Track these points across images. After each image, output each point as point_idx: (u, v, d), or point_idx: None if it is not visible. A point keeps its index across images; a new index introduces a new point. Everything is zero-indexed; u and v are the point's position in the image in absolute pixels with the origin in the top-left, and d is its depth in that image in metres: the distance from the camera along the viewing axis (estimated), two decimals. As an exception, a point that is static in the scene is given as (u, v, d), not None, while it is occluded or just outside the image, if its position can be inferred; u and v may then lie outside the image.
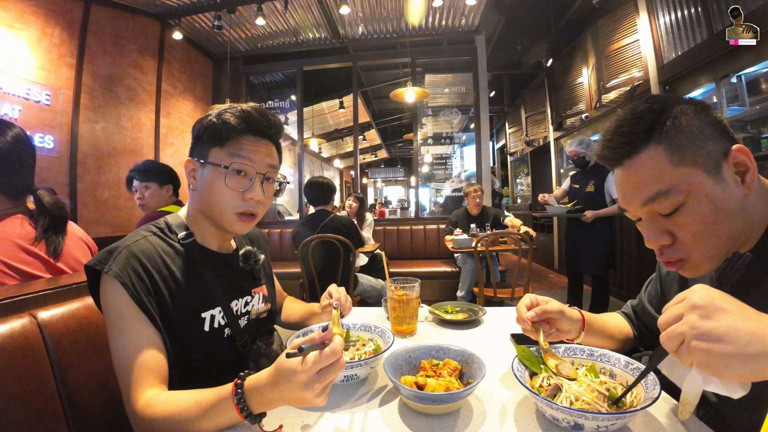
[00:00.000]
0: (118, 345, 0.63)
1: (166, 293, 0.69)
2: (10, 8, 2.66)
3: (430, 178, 5.63)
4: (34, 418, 0.63)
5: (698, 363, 0.40)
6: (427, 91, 3.99)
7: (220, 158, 0.72)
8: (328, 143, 9.95)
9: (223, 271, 0.80)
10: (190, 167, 0.76)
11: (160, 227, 0.76)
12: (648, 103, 0.55)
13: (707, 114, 0.53)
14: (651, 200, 0.53)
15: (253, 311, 0.85)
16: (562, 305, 0.72)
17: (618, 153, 0.55)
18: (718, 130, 0.53)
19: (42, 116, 2.85)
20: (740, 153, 0.52)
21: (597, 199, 2.91)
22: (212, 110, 0.76)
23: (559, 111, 5.67)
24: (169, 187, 1.94)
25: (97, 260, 0.66)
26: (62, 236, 1.05)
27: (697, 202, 0.51)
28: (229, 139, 0.72)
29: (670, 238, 0.55)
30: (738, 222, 0.52)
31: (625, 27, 3.99)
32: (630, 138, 0.54)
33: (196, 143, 0.76)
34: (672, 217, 0.53)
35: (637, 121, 0.54)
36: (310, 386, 0.50)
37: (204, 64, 4.94)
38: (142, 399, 0.60)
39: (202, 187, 0.74)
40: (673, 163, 0.51)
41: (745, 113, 2.80)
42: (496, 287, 2.81)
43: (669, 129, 0.52)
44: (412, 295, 0.97)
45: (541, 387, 0.61)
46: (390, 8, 4.18)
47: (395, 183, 18.16)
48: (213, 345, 0.75)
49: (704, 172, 0.51)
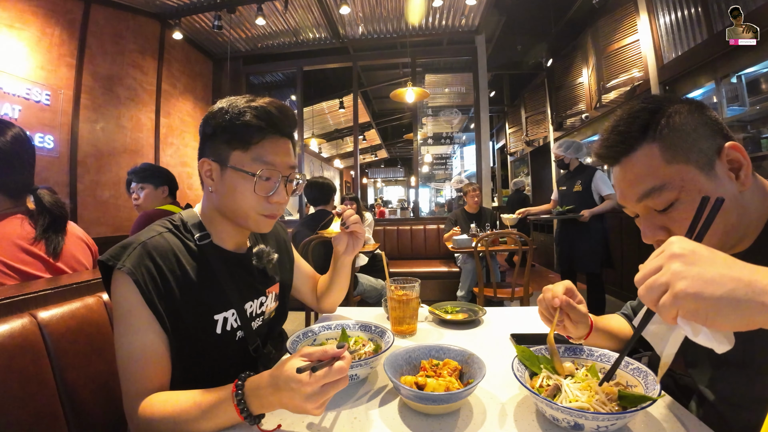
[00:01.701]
0: (124, 342, 0.63)
1: (178, 294, 0.67)
2: (10, 8, 2.65)
3: (430, 178, 5.64)
4: (34, 418, 0.63)
5: (685, 312, 0.37)
6: (427, 91, 3.99)
7: (243, 163, 0.69)
8: (328, 143, 9.94)
9: (238, 271, 0.78)
10: (206, 168, 0.72)
11: (176, 224, 0.74)
12: (644, 103, 0.57)
13: (702, 113, 0.55)
14: (646, 196, 0.55)
15: (266, 311, 0.84)
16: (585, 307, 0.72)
17: (614, 151, 0.58)
18: (713, 128, 0.54)
19: (42, 116, 2.85)
20: (734, 150, 0.53)
21: (586, 198, 2.95)
22: (222, 102, 0.72)
23: (559, 111, 5.67)
24: (165, 189, 1.97)
25: (111, 255, 0.65)
26: (62, 236, 1.05)
27: (690, 197, 0.52)
28: (252, 143, 0.69)
29: (665, 234, 0.56)
30: (732, 216, 0.53)
31: (625, 27, 3.99)
32: (626, 137, 0.56)
33: (211, 141, 0.72)
34: (667, 212, 0.54)
35: (633, 120, 0.56)
36: (314, 398, 0.50)
37: (204, 64, 4.94)
38: (142, 399, 0.60)
39: (224, 189, 0.71)
40: (666, 160, 0.53)
41: (745, 113, 2.80)
42: (496, 287, 2.81)
43: (663, 127, 0.54)
44: (412, 295, 0.97)
45: (541, 387, 0.61)
46: (390, 8, 4.18)
47: (395, 183, 18.15)
48: (224, 348, 0.74)
49: (697, 168, 0.52)
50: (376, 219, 4.52)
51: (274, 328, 0.89)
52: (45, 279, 0.95)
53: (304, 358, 0.53)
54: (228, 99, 0.73)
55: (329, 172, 12.06)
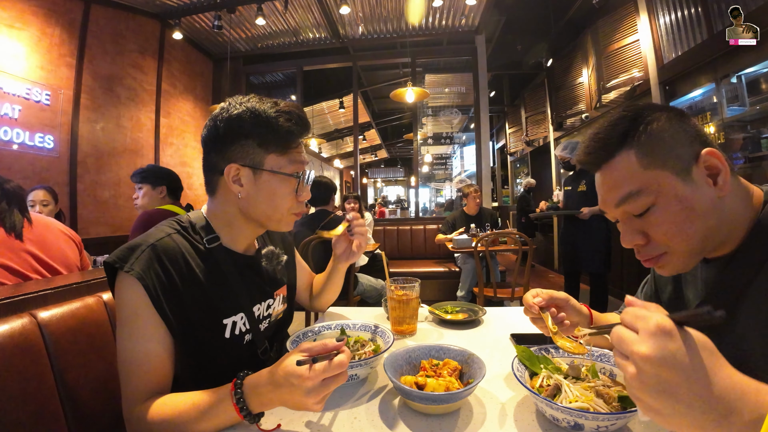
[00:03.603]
0: (127, 345, 0.62)
1: (187, 298, 0.66)
2: (10, 8, 2.66)
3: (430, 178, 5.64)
4: (34, 418, 0.63)
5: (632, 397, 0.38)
6: (427, 91, 3.99)
7: (281, 165, 0.71)
8: (328, 143, 9.95)
9: (247, 273, 0.78)
10: (232, 174, 0.70)
11: (184, 225, 0.74)
12: (625, 111, 0.58)
13: (681, 120, 0.56)
14: (623, 201, 0.56)
15: (274, 314, 0.84)
16: (568, 295, 0.74)
17: (594, 158, 0.59)
18: (691, 135, 0.55)
19: (42, 116, 2.85)
20: (711, 156, 0.53)
21: (590, 197, 2.96)
22: (243, 108, 0.69)
23: (559, 111, 5.67)
24: (162, 189, 1.98)
25: (117, 257, 0.64)
26: (19, 215, 1.12)
27: (667, 202, 0.53)
28: (290, 147, 0.72)
29: (644, 238, 0.57)
30: (711, 221, 0.53)
31: (625, 27, 3.99)
32: (605, 143, 0.57)
33: (238, 146, 0.69)
34: (644, 217, 0.56)
35: (613, 127, 0.57)
36: (314, 393, 0.51)
37: (204, 64, 4.94)
38: (141, 403, 0.60)
39: (258, 193, 0.71)
40: (643, 166, 0.54)
41: (745, 113, 2.80)
42: (496, 287, 2.81)
43: (641, 134, 0.55)
44: (412, 295, 0.97)
45: (541, 387, 0.61)
46: (390, 8, 4.19)
47: (395, 183, 18.16)
48: (232, 352, 0.73)
49: (673, 174, 0.53)
50: (376, 219, 4.52)
51: (280, 330, 0.88)
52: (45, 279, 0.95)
53: (304, 353, 0.53)
54: (248, 102, 0.70)
55: (329, 172, 12.07)
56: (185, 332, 0.66)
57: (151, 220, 1.68)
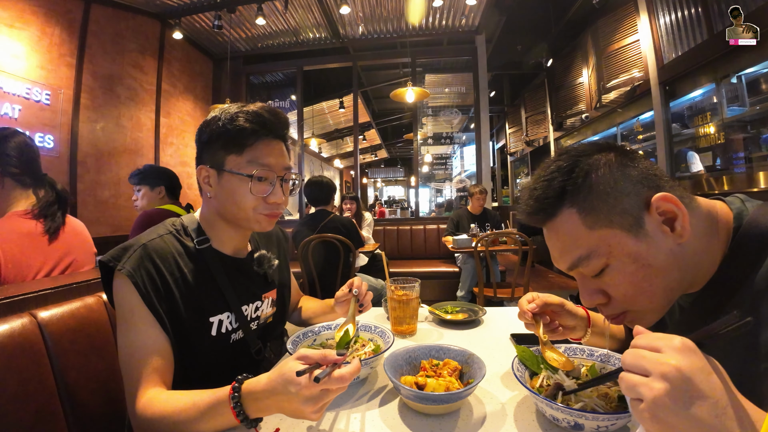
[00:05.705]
0: (126, 342, 0.64)
1: (176, 295, 0.69)
2: (10, 8, 2.65)
3: (430, 178, 5.63)
4: (34, 418, 0.63)
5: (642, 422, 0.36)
6: (427, 91, 3.98)
7: (239, 166, 0.72)
8: (328, 143, 9.94)
9: (236, 275, 0.79)
10: (203, 174, 0.75)
11: (177, 228, 0.76)
12: (560, 160, 0.53)
13: (623, 165, 0.50)
14: (575, 265, 0.52)
15: (262, 316, 0.85)
16: (563, 299, 0.73)
17: (536, 219, 0.55)
18: (637, 181, 0.49)
19: (42, 116, 2.85)
20: (664, 201, 0.48)
21: None
22: (215, 111, 0.75)
23: (559, 111, 5.67)
24: (161, 189, 1.99)
25: (111, 257, 0.67)
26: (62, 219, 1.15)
27: (620, 262, 0.49)
28: (246, 146, 0.72)
29: (604, 297, 0.53)
30: (673, 273, 0.49)
31: (625, 27, 3.99)
32: (543, 204, 0.53)
33: (206, 148, 0.75)
34: (600, 277, 0.52)
35: (548, 184, 0.52)
36: (312, 402, 0.50)
37: (204, 63, 4.94)
38: (144, 398, 0.60)
39: (223, 193, 0.74)
40: (588, 226, 0.50)
41: (745, 113, 2.81)
42: (496, 287, 2.81)
43: (579, 188, 0.50)
44: (412, 295, 0.97)
45: (541, 387, 0.61)
46: (390, 8, 4.18)
47: (395, 183, 18.16)
48: (219, 350, 0.74)
49: (623, 231, 0.49)
50: (376, 219, 4.51)
51: (271, 332, 0.89)
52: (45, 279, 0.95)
53: (302, 361, 0.53)
54: (221, 107, 0.75)
55: (329, 171, 12.07)
56: (175, 329, 0.68)
57: (150, 220, 1.68)
